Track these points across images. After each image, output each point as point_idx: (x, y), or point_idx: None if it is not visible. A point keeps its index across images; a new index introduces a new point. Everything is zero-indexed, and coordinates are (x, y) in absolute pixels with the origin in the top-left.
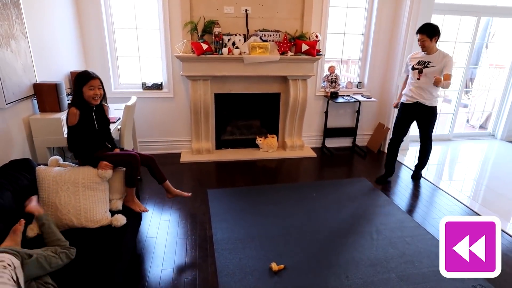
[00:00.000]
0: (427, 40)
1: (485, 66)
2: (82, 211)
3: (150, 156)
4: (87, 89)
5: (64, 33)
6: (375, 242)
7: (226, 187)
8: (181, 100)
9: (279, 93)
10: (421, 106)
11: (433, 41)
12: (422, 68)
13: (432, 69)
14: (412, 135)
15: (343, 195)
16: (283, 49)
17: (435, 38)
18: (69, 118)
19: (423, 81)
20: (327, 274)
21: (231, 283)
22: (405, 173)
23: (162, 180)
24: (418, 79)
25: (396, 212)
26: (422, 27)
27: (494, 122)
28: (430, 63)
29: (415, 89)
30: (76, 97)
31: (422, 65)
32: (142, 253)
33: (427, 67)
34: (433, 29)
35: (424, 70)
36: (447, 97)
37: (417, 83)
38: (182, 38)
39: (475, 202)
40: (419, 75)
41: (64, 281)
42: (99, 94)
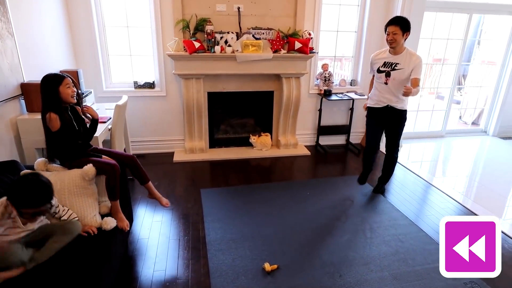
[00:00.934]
0: (399, 34)
1: (478, 62)
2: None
3: (131, 155)
4: (64, 88)
5: (53, 31)
6: (368, 241)
7: (219, 186)
8: (174, 99)
9: (272, 91)
10: (391, 109)
11: (404, 37)
12: (389, 71)
13: (401, 72)
14: (406, 132)
15: (337, 193)
16: (276, 47)
17: (406, 35)
18: (52, 123)
19: (392, 85)
20: (321, 274)
21: (224, 284)
22: (399, 171)
23: (145, 181)
24: (385, 83)
25: (389, 210)
26: (395, 19)
27: (486, 118)
28: (397, 64)
29: (383, 93)
30: (50, 101)
31: (388, 67)
32: (133, 255)
33: (395, 69)
34: (407, 22)
35: (391, 74)
36: (440, 93)
37: (385, 87)
38: (174, 36)
39: (467, 199)
40: (386, 79)
41: (53, 285)
42: (75, 91)
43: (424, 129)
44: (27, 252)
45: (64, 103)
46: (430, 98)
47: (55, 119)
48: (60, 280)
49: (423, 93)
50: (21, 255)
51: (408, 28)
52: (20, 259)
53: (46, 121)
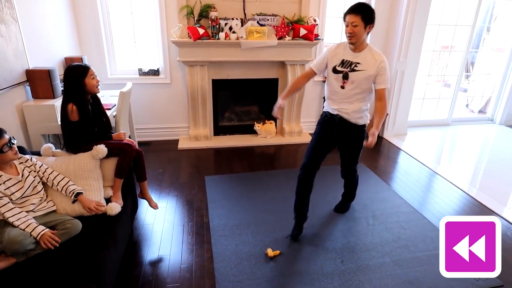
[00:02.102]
0: (361, 26)
1: (486, 49)
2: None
3: (139, 150)
4: (89, 80)
5: (57, 17)
6: (371, 228)
7: (223, 173)
8: (178, 86)
9: (277, 78)
10: (344, 123)
11: (366, 30)
12: (348, 72)
13: (362, 75)
14: (412, 119)
15: (340, 180)
16: (280, 34)
17: (370, 27)
18: (73, 115)
19: (350, 90)
20: (323, 259)
21: (227, 269)
22: (403, 159)
23: (142, 179)
24: (342, 87)
25: (393, 198)
26: (356, 6)
27: (493, 106)
28: (358, 64)
29: (337, 101)
30: (74, 92)
31: (347, 67)
32: (138, 240)
33: (355, 70)
34: (371, 12)
35: (350, 75)
36: (447, 81)
37: (341, 93)
38: (178, 22)
39: (472, 188)
40: (343, 81)
41: (59, 270)
42: (99, 81)
43: (429, 117)
44: (30, 240)
45: (88, 93)
46: (437, 86)
47: (75, 112)
48: (65, 263)
49: (430, 81)
50: (27, 245)
51: (372, 20)
52: (25, 248)
53: (67, 111)
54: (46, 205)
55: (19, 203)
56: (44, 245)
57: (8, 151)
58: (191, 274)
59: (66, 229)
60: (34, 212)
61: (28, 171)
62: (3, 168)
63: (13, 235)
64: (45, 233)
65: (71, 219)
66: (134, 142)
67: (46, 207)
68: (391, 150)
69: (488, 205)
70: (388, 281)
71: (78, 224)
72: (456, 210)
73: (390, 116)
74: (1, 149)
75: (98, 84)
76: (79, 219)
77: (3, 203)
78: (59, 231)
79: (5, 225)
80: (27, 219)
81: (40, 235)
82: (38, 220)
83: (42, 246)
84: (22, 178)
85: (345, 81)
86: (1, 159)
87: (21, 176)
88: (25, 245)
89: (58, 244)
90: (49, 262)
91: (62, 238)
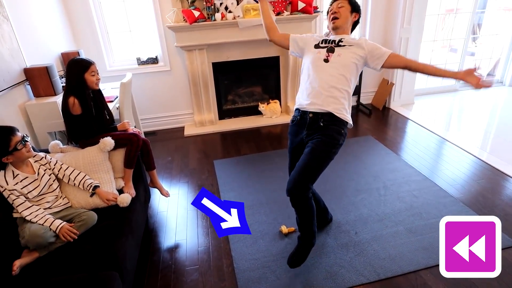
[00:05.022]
0: (347, 8)
1: (493, 9)
2: (88, 195)
3: (145, 139)
4: (89, 75)
5: (48, 12)
6: (382, 198)
7: (232, 156)
8: (179, 73)
9: (278, 56)
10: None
11: (351, 18)
12: (333, 47)
13: (348, 50)
14: (419, 88)
15: (349, 154)
16: (278, 9)
17: (355, 17)
18: (74, 108)
19: (336, 64)
20: (337, 232)
21: (243, 248)
22: (411, 128)
23: (151, 168)
24: (325, 61)
25: (403, 167)
26: None
27: (503, 68)
28: (342, 40)
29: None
30: (75, 86)
31: (330, 43)
32: (154, 227)
33: (339, 45)
34: (357, 3)
35: (336, 49)
36: (453, 46)
37: (324, 69)
38: (172, 6)
39: (483, 152)
40: (328, 54)
41: (81, 261)
42: (99, 79)
43: (437, 84)
44: (51, 233)
45: (88, 89)
46: (443, 52)
47: (77, 105)
48: (86, 254)
49: (435, 47)
50: (48, 238)
51: (358, 9)
52: (47, 241)
53: (69, 105)
54: (62, 201)
55: (36, 201)
56: (64, 238)
57: (22, 148)
58: (209, 255)
59: (82, 221)
60: (50, 209)
61: (43, 169)
62: (19, 167)
63: (34, 229)
64: (63, 226)
65: (86, 211)
66: (140, 131)
67: (62, 203)
68: (399, 120)
69: (499, 168)
70: (402, 249)
71: (93, 215)
72: (467, 176)
73: (396, 85)
74: (15, 147)
75: (98, 81)
76: (94, 211)
77: (20, 202)
78: (77, 224)
79: (24, 221)
80: (44, 215)
81: (58, 228)
82: (54, 215)
83: (62, 239)
84: (38, 176)
85: (330, 54)
86: (16, 157)
87: (37, 174)
88: (47, 238)
89: (77, 236)
90: (71, 254)
91: (80, 230)
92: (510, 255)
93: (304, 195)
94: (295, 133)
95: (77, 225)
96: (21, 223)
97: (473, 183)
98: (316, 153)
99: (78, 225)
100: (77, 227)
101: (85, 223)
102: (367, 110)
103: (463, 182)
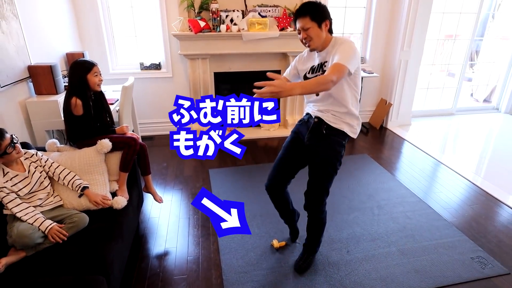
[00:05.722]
0: (313, 27)
1: (491, 38)
2: (82, 196)
3: (143, 144)
4: (91, 76)
5: (57, 12)
6: (376, 218)
7: (227, 166)
8: (181, 80)
9: (279, 70)
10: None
11: (323, 29)
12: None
13: None
14: (416, 109)
15: (344, 171)
16: (282, 25)
17: (326, 25)
18: (76, 109)
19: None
20: (328, 249)
21: (234, 260)
22: (407, 149)
23: (146, 173)
24: (316, 95)
25: (398, 188)
26: (301, 8)
27: (499, 95)
28: (326, 64)
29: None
30: (77, 87)
31: (318, 70)
32: (145, 233)
33: (324, 70)
34: (320, 8)
35: None
36: (451, 71)
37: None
38: (179, 15)
39: (477, 176)
40: None
41: (68, 263)
42: (102, 80)
43: (434, 107)
44: (39, 234)
45: (90, 90)
46: (441, 76)
47: (80, 106)
48: (73, 256)
49: (434, 71)
50: (36, 238)
51: (324, 16)
52: (34, 242)
53: (71, 105)
54: (53, 199)
55: (27, 198)
56: (52, 239)
57: (12, 151)
58: (198, 265)
59: (73, 223)
60: (41, 206)
61: (34, 166)
62: (10, 165)
63: (22, 229)
64: (52, 227)
65: (78, 213)
66: (138, 136)
67: (53, 201)
68: (395, 140)
69: (493, 194)
70: (394, 270)
71: (85, 217)
72: (461, 200)
73: (394, 106)
74: (5, 151)
75: (100, 82)
76: (86, 213)
77: (10, 199)
78: (67, 225)
79: (14, 219)
80: (35, 213)
81: (48, 229)
82: (46, 214)
83: (50, 240)
84: (28, 174)
85: None
86: (5, 159)
87: (28, 172)
88: (34, 238)
89: (66, 238)
90: (58, 256)
91: (69, 231)
92: (503, 283)
93: (320, 209)
94: (298, 131)
95: (67, 227)
96: (11, 221)
97: (466, 207)
98: (322, 170)
99: (68, 227)
100: (67, 228)
101: (75, 225)
102: (365, 128)
103: (456, 206)
